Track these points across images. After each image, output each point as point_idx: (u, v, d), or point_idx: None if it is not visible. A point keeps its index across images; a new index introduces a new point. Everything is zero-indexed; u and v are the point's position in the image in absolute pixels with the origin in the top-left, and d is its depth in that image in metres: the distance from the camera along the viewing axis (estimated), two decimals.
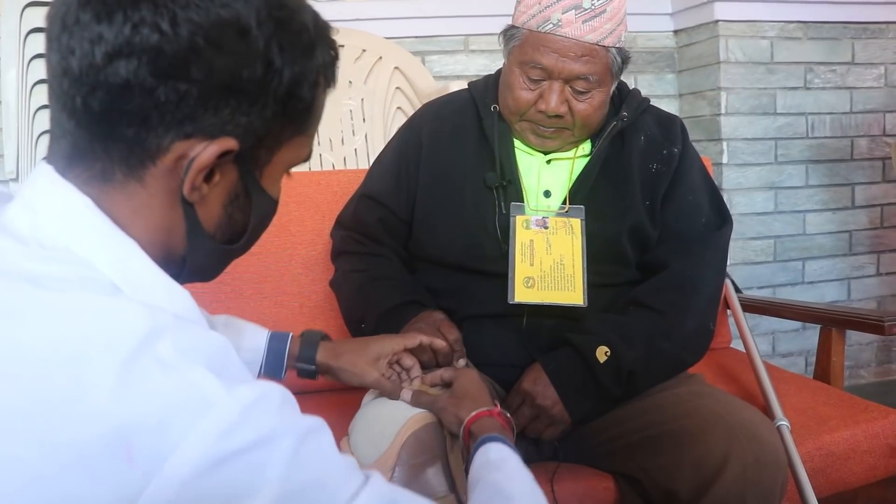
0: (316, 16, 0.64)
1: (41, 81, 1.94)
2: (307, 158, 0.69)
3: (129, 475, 0.48)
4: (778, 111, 2.51)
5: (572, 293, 1.23)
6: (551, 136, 1.28)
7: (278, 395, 0.55)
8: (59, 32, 0.57)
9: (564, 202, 1.29)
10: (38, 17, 1.90)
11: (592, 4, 1.18)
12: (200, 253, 0.65)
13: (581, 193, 1.29)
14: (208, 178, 0.61)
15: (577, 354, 1.19)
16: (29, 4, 1.89)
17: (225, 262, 0.71)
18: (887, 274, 2.72)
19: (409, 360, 1.12)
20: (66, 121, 0.59)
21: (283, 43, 0.60)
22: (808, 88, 2.54)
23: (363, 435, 1.04)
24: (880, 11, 2.56)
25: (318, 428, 0.57)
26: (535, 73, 1.23)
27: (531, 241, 1.26)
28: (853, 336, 2.57)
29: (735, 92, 2.46)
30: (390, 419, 1.03)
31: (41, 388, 0.49)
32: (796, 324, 2.56)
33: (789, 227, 2.57)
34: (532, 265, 1.25)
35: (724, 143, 2.46)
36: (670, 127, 1.36)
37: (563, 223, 1.28)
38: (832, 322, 1.65)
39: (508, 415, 1.01)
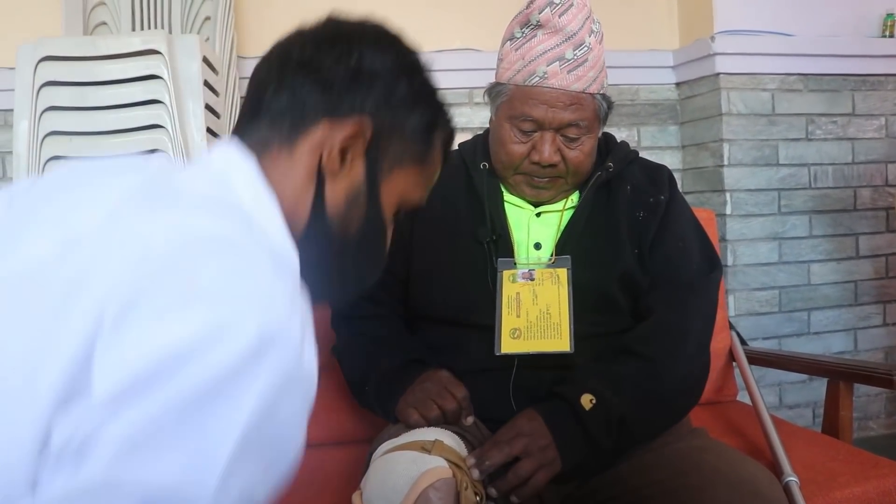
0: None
1: (52, 133, 1.97)
2: (418, 204, 0.83)
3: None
4: (780, 162, 2.53)
5: (558, 340, 1.23)
6: (546, 186, 1.30)
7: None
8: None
9: (552, 254, 1.30)
10: (52, 70, 1.94)
11: (574, 55, 1.23)
12: (316, 231, 0.76)
13: (569, 244, 1.30)
14: (343, 157, 0.75)
15: (565, 403, 1.17)
16: (43, 59, 1.93)
17: (329, 261, 0.79)
18: (894, 324, 2.70)
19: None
20: (250, 108, 0.77)
21: (412, 74, 0.79)
22: (810, 139, 2.56)
23: (376, 490, 1.04)
24: (879, 64, 2.60)
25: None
26: (527, 126, 1.25)
27: (517, 293, 1.27)
28: (862, 387, 2.54)
29: (737, 143, 2.48)
30: (404, 475, 1.02)
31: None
32: (803, 375, 2.53)
33: (794, 277, 2.57)
34: (518, 316, 1.25)
35: (728, 195, 2.48)
36: (657, 175, 1.38)
37: (549, 274, 1.28)
38: (840, 375, 1.63)
39: None
